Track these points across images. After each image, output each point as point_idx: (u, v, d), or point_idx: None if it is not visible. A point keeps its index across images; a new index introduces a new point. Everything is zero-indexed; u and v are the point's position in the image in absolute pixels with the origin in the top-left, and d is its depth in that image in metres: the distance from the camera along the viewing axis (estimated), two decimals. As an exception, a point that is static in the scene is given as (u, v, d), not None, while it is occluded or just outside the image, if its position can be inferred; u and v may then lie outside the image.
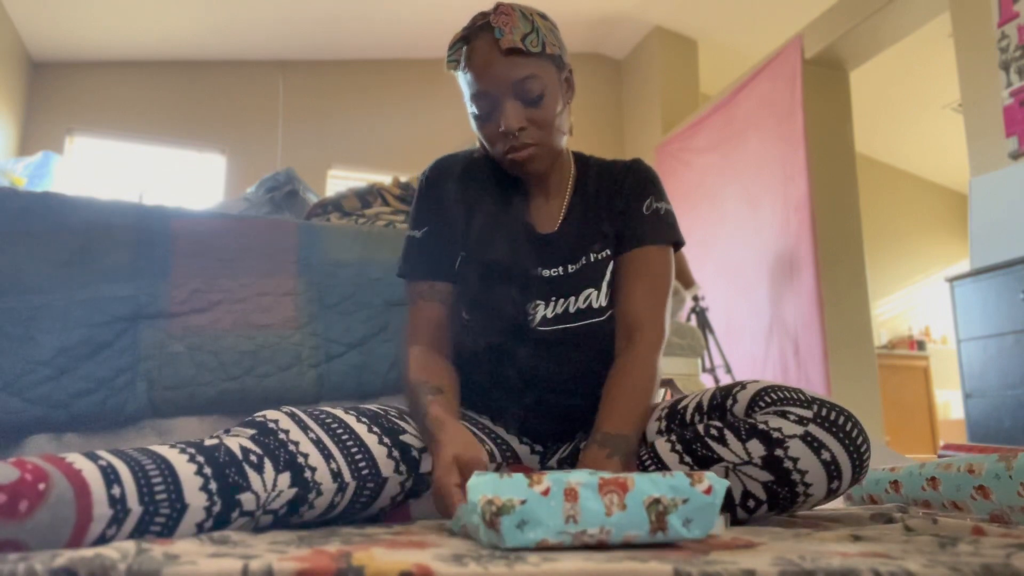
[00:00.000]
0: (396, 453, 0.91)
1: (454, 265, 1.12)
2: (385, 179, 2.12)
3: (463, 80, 1.06)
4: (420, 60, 5.61)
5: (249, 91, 5.23)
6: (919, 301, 6.44)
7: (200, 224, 1.43)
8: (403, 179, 2.02)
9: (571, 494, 0.64)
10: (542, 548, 0.63)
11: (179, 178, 5.07)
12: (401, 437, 0.93)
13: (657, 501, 0.65)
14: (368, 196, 1.94)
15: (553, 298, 1.07)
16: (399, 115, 5.44)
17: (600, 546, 0.65)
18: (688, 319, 3.92)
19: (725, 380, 3.88)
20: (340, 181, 5.29)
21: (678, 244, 1.14)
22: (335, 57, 5.43)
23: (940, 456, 1.33)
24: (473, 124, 1.09)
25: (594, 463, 0.91)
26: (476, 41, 1.03)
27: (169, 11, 4.51)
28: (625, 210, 1.12)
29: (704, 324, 3.89)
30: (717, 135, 4.94)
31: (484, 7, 1.06)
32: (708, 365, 3.86)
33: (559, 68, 1.07)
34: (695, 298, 3.88)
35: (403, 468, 0.91)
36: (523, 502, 0.62)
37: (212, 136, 5.11)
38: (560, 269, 1.09)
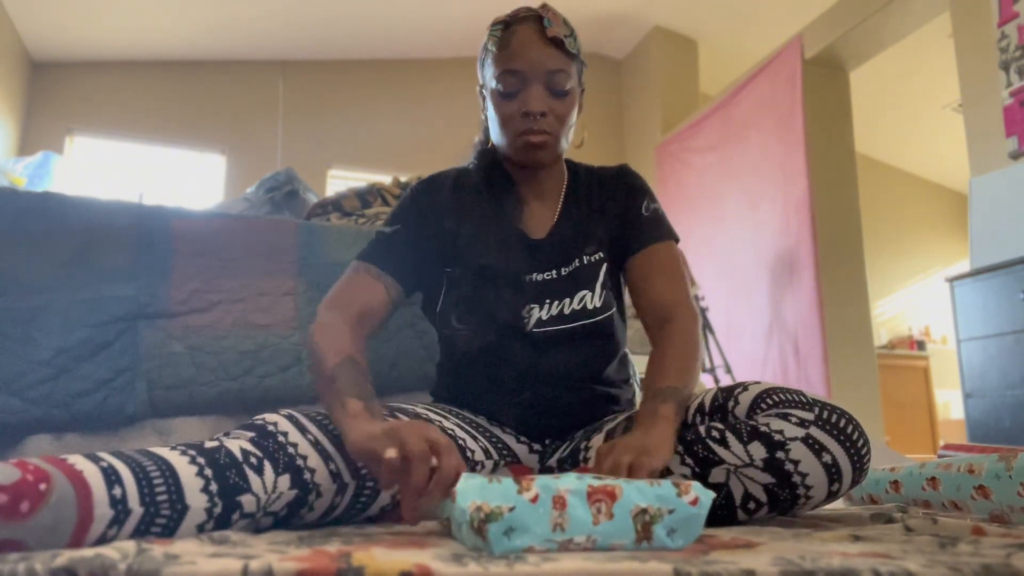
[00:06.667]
0: None
1: (409, 271, 1.11)
2: (385, 179, 2.12)
3: (493, 59, 1.09)
4: (420, 60, 5.61)
5: (249, 91, 5.22)
6: (919, 301, 6.44)
7: (200, 224, 1.43)
8: (403, 179, 2.03)
9: (559, 502, 0.64)
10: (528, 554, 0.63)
11: (179, 178, 5.07)
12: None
13: (644, 511, 0.65)
14: (368, 196, 1.94)
15: (547, 301, 1.10)
16: (399, 115, 5.43)
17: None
18: (688, 319, 3.91)
19: (725, 380, 3.88)
20: (340, 181, 5.29)
21: (676, 239, 1.20)
22: (335, 57, 5.42)
23: (940, 456, 1.33)
24: (490, 105, 1.11)
25: (649, 414, 0.92)
26: (519, 26, 1.08)
27: (169, 11, 4.51)
28: (622, 214, 1.17)
29: (704, 324, 3.89)
30: (717, 135, 4.93)
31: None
32: (708, 365, 3.87)
33: (580, 79, 1.14)
34: (695, 298, 3.88)
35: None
36: (511, 509, 0.62)
37: (212, 136, 5.11)
38: (553, 272, 1.12)
